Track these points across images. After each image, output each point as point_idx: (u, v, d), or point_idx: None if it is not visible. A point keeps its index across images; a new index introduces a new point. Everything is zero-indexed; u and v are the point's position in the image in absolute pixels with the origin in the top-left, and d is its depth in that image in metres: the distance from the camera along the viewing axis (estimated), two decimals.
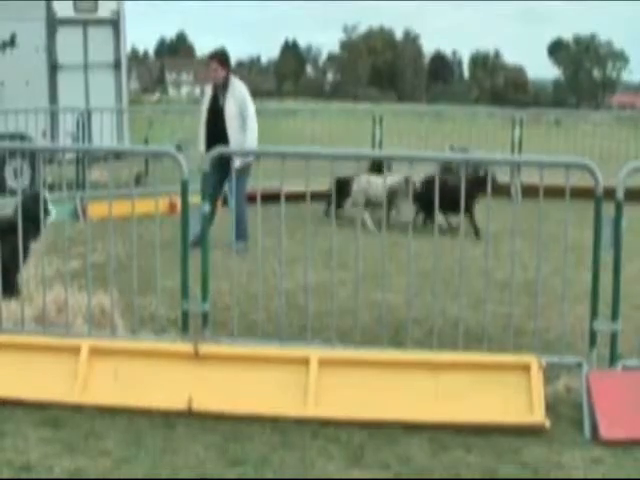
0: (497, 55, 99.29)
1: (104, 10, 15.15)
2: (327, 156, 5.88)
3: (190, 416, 5.06)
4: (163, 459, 4.62)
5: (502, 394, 5.03)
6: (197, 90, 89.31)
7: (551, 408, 5.09)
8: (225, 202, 9.35)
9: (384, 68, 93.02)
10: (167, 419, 5.04)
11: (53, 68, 14.87)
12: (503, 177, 12.88)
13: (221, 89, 9.65)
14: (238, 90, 9.63)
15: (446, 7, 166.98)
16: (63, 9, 14.84)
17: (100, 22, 15.14)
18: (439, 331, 5.73)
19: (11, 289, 6.46)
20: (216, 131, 9.55)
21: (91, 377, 5.34)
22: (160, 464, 4.57)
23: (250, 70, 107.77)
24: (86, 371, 5.34)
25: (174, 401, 5.11)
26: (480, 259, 7.18)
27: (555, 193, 5.74)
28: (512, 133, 15.05)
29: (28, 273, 6.96)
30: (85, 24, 15.03)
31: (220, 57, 9.78)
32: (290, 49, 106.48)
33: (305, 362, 5.21)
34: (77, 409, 5.14)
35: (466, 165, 6.22)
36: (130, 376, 5.32)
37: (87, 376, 5.33)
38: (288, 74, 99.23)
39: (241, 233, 8.49)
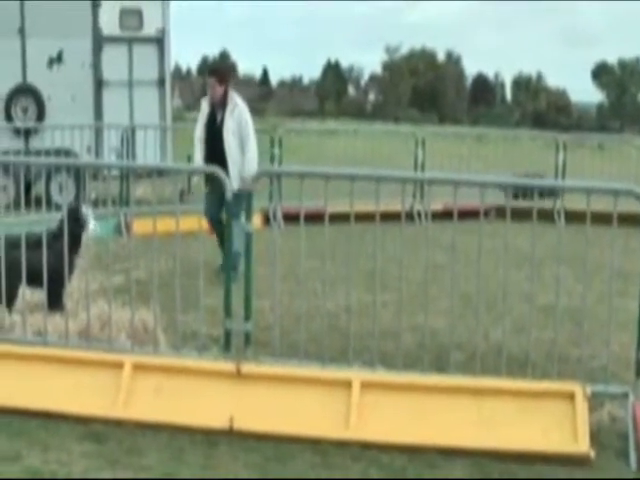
0: (540, 78, 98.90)
1: (149, 28, 15.34)
2: (372, 178, 5.88)
3: (231, 435, 5.06)
4: (204, 477, 4.63)
5: (546, 422, 4.97)
6: None
7: (595, 437, 5.02)
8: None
9: (426, 89, 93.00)
10: (208, 437, 5.05)
11: (98, 84, 15.09)
12: (545, 202, 12.82)
13: (219, 106, 9.14)
14: (238, 108, 9.12)
15: (489, 29, 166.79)
16: (109, 27, 15.08)
17: (145, 40, 15.33)
18: (482, 356, 5.68)
19: (57, 304, 6.52)
20: (213, 150, 9.06)
21: (133, 393, 5.37)
22: None
23: (292, 90, 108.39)
24: (129, 387, 5.38)
25: (216, 419, 5.12)
26: (523, 284, 7.13)
27: (599, 218, 5.68)
28: (555, 157, 14.93)
29: (72, 287, 7.02)
30: (130, 41, 15.23)
31: (219, 73, 9.31)
32: (332, 69, 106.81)
33: (347, 385, 5.20)
34: (119, 424, 5.18)
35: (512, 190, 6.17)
36: (172, 393, 5.35)
37: (130, 392, 5.36)
38: (330, 94, 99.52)
39: (231, 263, 7.38)
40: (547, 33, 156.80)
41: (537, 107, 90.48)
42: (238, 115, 9.03)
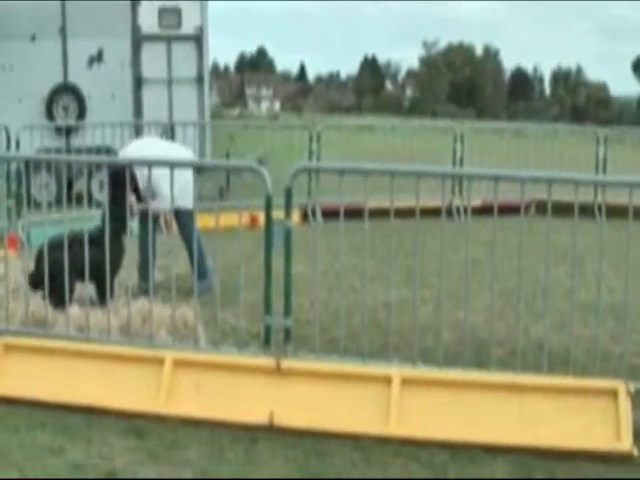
0: (579, 71, 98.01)
1: (188, 26, 15.44)
2: (412, 173, 5.87)
3: (271, 431, 5.09)
4: (244, 472, 4.66)
5: (588, 419, 4.93)
6: (277, 105, 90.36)
7: (638, 435, 4.96)
8: None
9: (463, 84, 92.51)
10: (249, 433, 5.07)
11: (138, 82, 15.22)
12: (586, 196, 12.70)
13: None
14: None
15: (527, 23, 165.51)
16: (148, 25, 15.22)
17: (184, 38, 15.43)
18: (522, 352, 5.65)
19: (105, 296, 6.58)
20: None
21: (174, 388, 5.41)
22: (241, 477, 4.60)
23: (329, 86, 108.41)
24: (170, 382, 5.42)
25: (256, 415, 5.14)
26: (564, 280, 7.08)
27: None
28: (596, 151, 14.78)
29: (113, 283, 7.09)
30: (169, 40, 15.35)
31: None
32: (369, 65, 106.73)
33: (387, 381, 5.20)
34: (160, 419, 5.22)
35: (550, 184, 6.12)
36: (212, 389, 5.39)
37: (171, 387, 5.41)
38: (367, 90, 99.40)
39: (200, 272, 7.19)
40: (586, 26, 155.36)
41: (576, 101, 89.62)
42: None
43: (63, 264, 6.23)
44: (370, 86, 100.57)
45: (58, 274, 6.29)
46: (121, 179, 6.61)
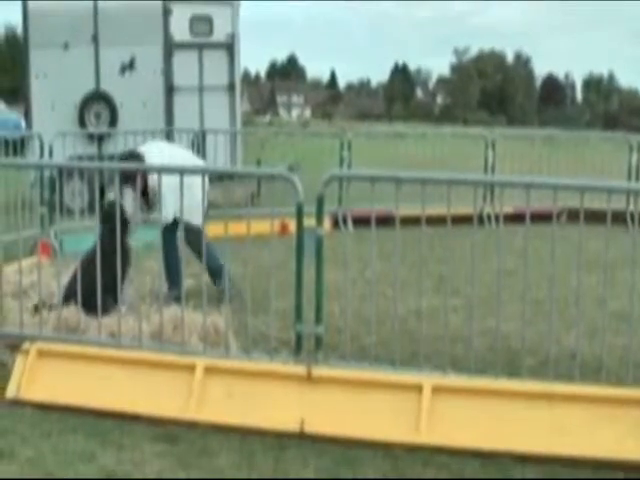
0: (611, 78, 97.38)
1: (219, 34, 15.53)
2: (444, 181, 5.85)
3: (302, 438, 5.09)
4: None
5: (620, 430, 4.88)
6: (307, 112, 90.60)
7: None
8: None
9: (494, 91, 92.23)
10: (279, 440, 5.08)
11: (169, 90, 15.32)
12: (618, 204, 12.58)
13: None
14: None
15: (559, 29, 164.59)
16: (180, 33, 15.32)
17: (215, 45, 15.51)
18: (554, 361, 5.61)
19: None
20: None
21: (205, 395, 5.43)
22: None
23: (359, 93, 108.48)
24: (201, 389, 5.44)
25: (286, 422, 5.15)
26: (596, 288, 7.01)
27: None
28: (629, 159, 14.65)
29: (144, 291, 7.13)
30: (201, 48, 15.44)
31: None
32: (400, 72, 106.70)
33: (418, 389, 5.18)
34: (191, 426, 5.24)
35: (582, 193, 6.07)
36: (243, 396, 5.39)
37: (201, 394, 5.42)
38: (398, 97, 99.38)
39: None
40: (619, 32, 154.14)
41: (608, 108, 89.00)
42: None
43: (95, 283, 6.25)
44: (401, 93, 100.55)
45: (93, 293, 6.31)
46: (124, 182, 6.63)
